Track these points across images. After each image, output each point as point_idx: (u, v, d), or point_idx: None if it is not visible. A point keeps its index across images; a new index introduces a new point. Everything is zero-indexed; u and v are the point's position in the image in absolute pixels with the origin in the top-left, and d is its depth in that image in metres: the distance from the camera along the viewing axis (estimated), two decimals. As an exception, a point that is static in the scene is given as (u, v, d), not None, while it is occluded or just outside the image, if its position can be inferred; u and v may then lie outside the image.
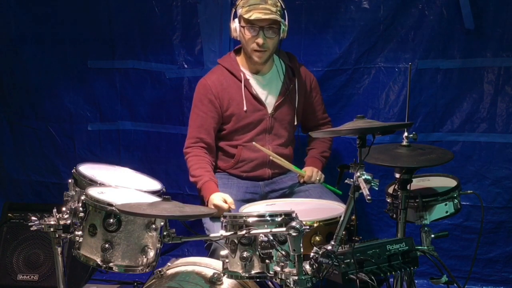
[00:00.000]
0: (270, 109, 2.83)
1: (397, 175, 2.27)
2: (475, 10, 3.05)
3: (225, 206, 2.54)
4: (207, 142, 2.81)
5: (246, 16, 2.67)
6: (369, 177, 1.82)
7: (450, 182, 2.47)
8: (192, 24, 3.39)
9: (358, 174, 1.83)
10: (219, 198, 2.58)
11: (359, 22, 3.21)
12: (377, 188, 1.85)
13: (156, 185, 2.46)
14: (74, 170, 2.31)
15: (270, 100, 2.84)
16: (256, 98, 2.81)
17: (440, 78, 3.19)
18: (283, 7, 2.74)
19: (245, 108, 2.79)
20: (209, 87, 2.80)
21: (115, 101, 3.57)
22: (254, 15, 2.65)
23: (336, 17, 3.25)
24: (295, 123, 2.91)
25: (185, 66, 3.45)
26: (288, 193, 2.86)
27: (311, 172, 2.85)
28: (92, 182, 2.23)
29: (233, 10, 2.78)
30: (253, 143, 2.76)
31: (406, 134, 2.31)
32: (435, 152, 2.34)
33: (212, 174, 2.75)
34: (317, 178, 2.84)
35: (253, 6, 2.67)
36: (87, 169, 2.33)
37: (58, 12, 3.50)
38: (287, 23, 2.74)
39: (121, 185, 2.31)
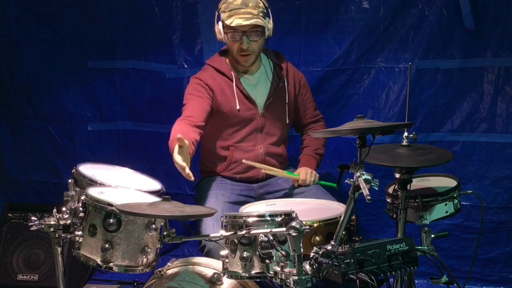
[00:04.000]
0: (260, 108, 2.82)
1: (397, 175, 2.27)
2: (475, 10, 3.05)
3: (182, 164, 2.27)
4: (197, 123, 2.66)
5: (227, 22, 2.64)
6: (369, 177, 1.82)
7: (450, 182, 2.47)
8: (192, 24, 3.39)
9: (358, 174, 1.83)
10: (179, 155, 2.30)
11: (359, 22, 3.21)
12: (377, 188, 1.85)
13: (156, 185, 2.46)
14: (74, 170, 2.31)
15: (260, 99, 2.83)
16: (247, 97, 2.80)
17: (440, 78, 3.19)
18: (266, 6, 2.71)
19: (237, 107, 2.77)
20: (204, 78, 2.79)
21: (115, 101, 3.57)
22: (235, 21, 2.62)
23: (336, 17, 3.25)
24: (287, 121, 2.89)
25: (185, 66, 3.45)
26: (284, 195, 2.84)
27: (304, 175, 2.79)
28: (92, 182, 2.23)
29: (216, 13, 2.75)
30: (243, 160, 2.70)
31: (406, 134, 2.31)
32: (435, 152, 2.34)
33: (190, 135, 2.53)
34: (312, 180, 2.79)
35: (234, 11, 2.64)
36: (87, 169, 2.33)
37: (58, 12, 3.50)
38: (271, 22, 2.72)
39: (121, 185, 2.31)
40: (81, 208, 2.05)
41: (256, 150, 2.82)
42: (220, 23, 2.73)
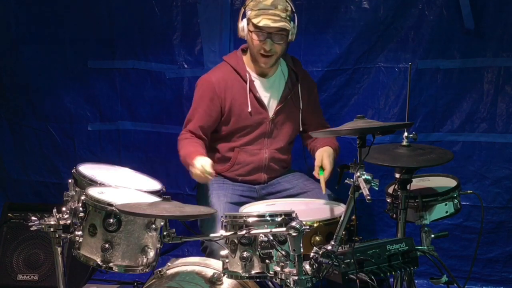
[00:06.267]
0: (271, 113, 2.80)
1: (397, 175, 2.28)
2: (475, 10, 3.05)
3: (200, 174, 2.46)
4: (202, 137, 2.76)
5: (254, 21, 2.62)
6: (369, 177, 1.83)
7: (450, 182, 2.47)
8: (192, 24, 3.39)
9: (358, 174, 1.83)
10: (199, 164, 2.47)
11: (359, 22, 3.21)
12: (377, 188, 1.86)
13: (156, 185, 2.46)
14: (74, 170, 2.31)
15: (272, 104, 2.81)
16: (259, 101, 2.78)
17: (440, 78, 3.19)
18: (293, 10, 2.69)
19: (249, 109, 2.75)
20: (212, 84, 2.76)
21: (115, 101, 3.57)
22: (263, 22, 2.60)
23: (336, 17, 3.25)
24: (300, 128, 2.86)
25: (185, 66, 3.45)
26: (286, 196, 2.82)
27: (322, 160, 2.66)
28: (92, 182, 2.23)
29: (242, 9, 2.72)
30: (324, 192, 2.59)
31: (406, 134, 2.31)
32: (435, 152, 2.34)
33: (200, 149, 2.65)
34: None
35: (263, 11, 2.61)
36: (87, 169, 2.33)
37: (58, 12, 3.50)
38: (296, 26, 2.70)
39: (121, 185, 2.31)
40: (81, 208, 2.05)
41: (261, 154, 2.82)
42: (245, 20, 2.70)
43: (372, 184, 1.83)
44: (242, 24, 2.71)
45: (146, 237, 2.02)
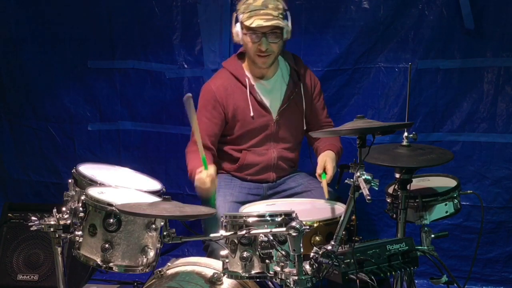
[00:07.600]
0: (274, 115, 2.79)
1: (397, 175, 2.28)
2: (475, 10, 3.05)
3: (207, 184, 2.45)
4: (209, 147, 2.76)
5: (247, 23, 2.62)
6: (369, 177, 1.83)
7: (450, 182, 2.47)
8: (192, 24, 3.39)
9: (358, 174, 1.83)
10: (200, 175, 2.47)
11: (359, 22, 3.21)
12: (377, 188, 1.86)
13: (156, 185, 2.46)
14: (74, 170, 2.31)
15: (274, 106, 2.81)
16: (261, 104, 2.78)
17: (440, 78, 3.19)
18: (286, 8, 2.69)
19: (251, 114, 2.75)
20: (213, 92, 2.77)
21: (115, 101, 3.57)
22: (256, 22, 2.60)
23: (336, 17, 3.25)
24: (304, 127, 2.86)
25: (185, 66, 3.45)
26: (290, 194, 2.83)
27: (325, 164, 2.67)
28: (92, 182, 2.23)
29: (234, 15, 2.73)
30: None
31: (406, 134, 2.31)
32: (435, 152, 2.34)
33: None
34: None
35: (254, 12, 2.61)
36: (87, 169, 2.33)
37: (58, 12, 3.50)
38: (290, 24, 2.70)
39: (121, 185, 2.31)
40: (81, 208, 2.05)
41: (269, 154, 2.82)
42: (238, 24, 2.70)
43: (372, 184, 1.83)
44: (236, 29, 2.71)
45: (146, 237, 2.02)
